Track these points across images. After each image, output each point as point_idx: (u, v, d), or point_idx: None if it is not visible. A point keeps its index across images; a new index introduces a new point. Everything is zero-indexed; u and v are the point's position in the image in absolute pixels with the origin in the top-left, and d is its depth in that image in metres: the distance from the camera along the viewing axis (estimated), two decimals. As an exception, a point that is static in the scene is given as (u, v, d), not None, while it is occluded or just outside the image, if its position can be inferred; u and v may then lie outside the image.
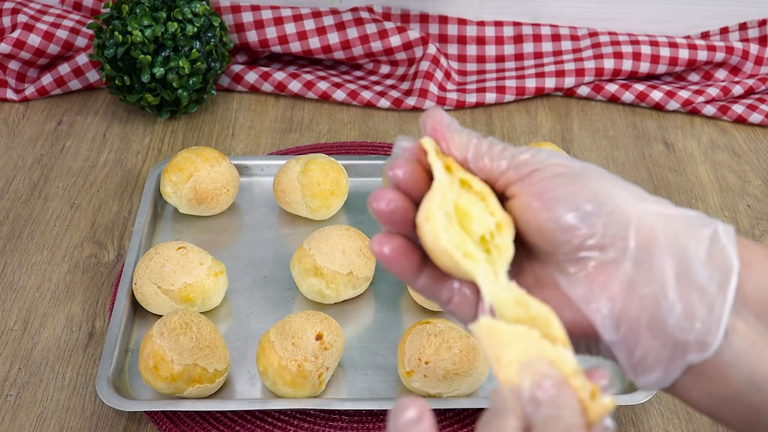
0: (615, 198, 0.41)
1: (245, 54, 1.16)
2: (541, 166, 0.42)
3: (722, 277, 0.40)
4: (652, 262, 0.40)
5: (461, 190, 0.43)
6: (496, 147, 0.43)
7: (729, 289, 0.39)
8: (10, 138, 1.05)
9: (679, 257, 0.40)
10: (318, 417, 0.73)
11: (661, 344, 0.40)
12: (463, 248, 0.41)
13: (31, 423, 0.73)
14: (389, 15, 1.16)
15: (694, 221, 0.41)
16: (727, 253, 0.40)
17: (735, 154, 1.05)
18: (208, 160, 0.89)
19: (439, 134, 0.44)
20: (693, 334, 0.39)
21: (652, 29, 1.16)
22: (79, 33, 1.10)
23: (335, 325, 0.74)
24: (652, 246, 0.40)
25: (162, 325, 0.72)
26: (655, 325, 0.40)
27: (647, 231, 0.40)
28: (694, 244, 0.40)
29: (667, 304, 0.40)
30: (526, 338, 0.38)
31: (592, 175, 0.42)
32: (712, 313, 0.39)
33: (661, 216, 0.41)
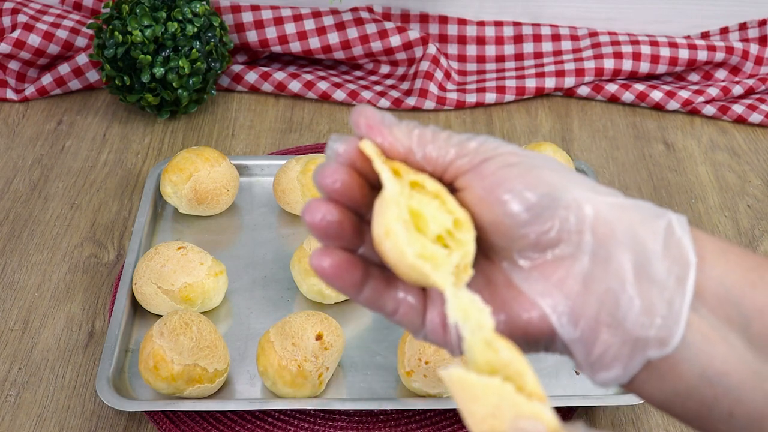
0: (571, 190, 0.39)
1: (245, 54, 1.16)
2: (492, 154, 0.39)
3: (680, 272, 0.39)
4: (610, 257, 0.39)
5: (413, 192, 0.40)
6: (441, 135, 0.40)
7: (688, 283, 0.39)
8: (10, 138, 1.05)
9: (636, 251, 0.39)
10: (318, 417, 0.73)
11: (620, 341, 0.39)
12: (430, 259, 0.39)
13: (31, 423, 0.73)
14: (389, 15, 1.16)
15: (648, 212, 0.40)
16: (684, 246, 0.39)
17: (735, 154, 1.05)
18: (208, 160, 0.89)
19: (375, 131, 0.40)
20: (653, 331, 0.38)
21: (652, 29, 1.16)
22: (79, 33, 1.10)
23: (335, 325, 0.74)
24: (609, 240, 0.39)
25: (162, 325, 0.72)
26: (614, 321, 0.39)
27: (604, 224, 0.39)
28: (650, 237, 0.39)
29: (626, 299, 0.38)
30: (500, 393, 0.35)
31: (545, 166, 0.40)
32: (672, 309, 0.38)
33: (616, 208, 0.39)
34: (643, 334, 0.39)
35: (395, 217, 0.38)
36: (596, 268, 0.39)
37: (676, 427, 0.74)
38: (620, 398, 0.72)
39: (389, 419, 0.73)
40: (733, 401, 0.39)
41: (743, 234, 0.93)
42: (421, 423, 0.73)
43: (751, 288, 0.39)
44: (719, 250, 0.40)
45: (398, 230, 0.38)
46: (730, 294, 0.39)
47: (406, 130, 0.40)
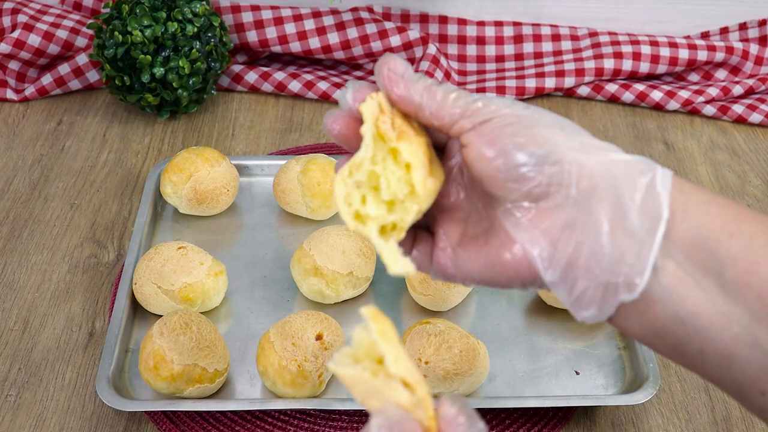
0: (560, 147, 0.43)
1: (245, 54, 1.16)
2: (492, 116, 0.44)
3: (651, 225, 0.42)
4: (591, 209, 0.43)
5: (387, 159, 0.44)
6: (450, 96, 0.45)
7: (656, 235, 0.42)
8: (10, 138, 1.05)
9: (615, 204, 0.43)
10: (318, 417, 0.73)
11: (594, 285, 0.43)
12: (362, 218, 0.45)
13: (31, 423, 0.73)
14: (389, 15, 1.16)
15: (636, 168, 0.43)
16: (660, 200, 0.43)
17: (735, 154, 1.05)
18: (208, 160, 0.89)
19: (393, 83, 0.45)
20: (621, 278, 0.43)
21: (652, 29, 1.16)
22: (79, 33, 1.10)
23: (335, 325, 0.74)
24: (592, 193, 0.43)
25: (162, 325, 0.72)
26: (589, 268, 0.43)
27: (588, 179, 0.43)
28: (630, 192, 0.43)
29: (599, 249, 0.43)
30: (361, 379, 0.41)
31: (540, 124, 0.44)
32: (639, 258, 0.42)
33: (603, 164, 0.43)
34: (613, 280, 0.43)
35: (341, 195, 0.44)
36: (578, 219, 0.43)
37: (675, 427, 0.74)
38: (620, 398, 0.72)
39: (389, 419, 0.73)
40: (703, 340, 0.43)
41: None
42: (421, 423, 0.73)
43: (728, 237, 0.42)
44: (702, 201, 0.43)
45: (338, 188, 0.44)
46: (706, 242, 0.42)
47: (421, 87, 0.45)
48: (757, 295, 0.42)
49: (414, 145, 0.45)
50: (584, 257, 0.43)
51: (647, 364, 0.74)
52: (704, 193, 0.44)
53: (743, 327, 0.42)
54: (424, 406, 0.40)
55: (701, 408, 0.76)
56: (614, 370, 0.76)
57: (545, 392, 0.75)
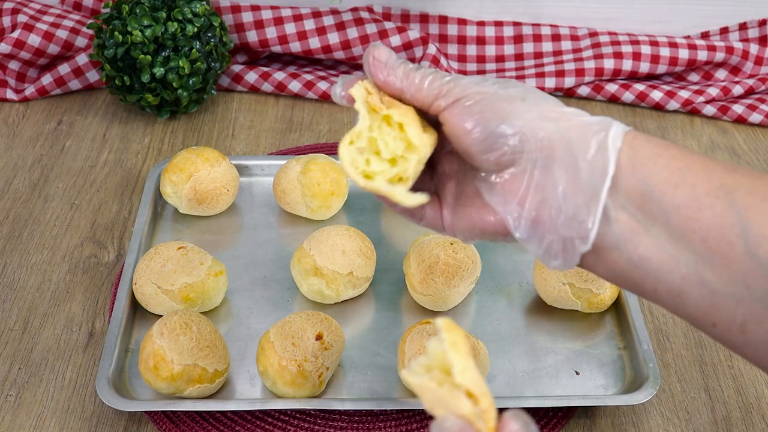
0: (522, 118, 0.49)
1: (245, 54, 1.16)
2: (462, 95, 0.50)
3: (599, 181, 0.47)
4: (550, 171, 0.48)
5: (382, 125, 0.51)
6: (427, 79, 0.51)
7: (602, 192, 0.47)
8: (10, 138, 1.05)
9: (570, 165, 0.48)
10: (318, 417, 0.73)
11: (555, 239, 0.49)
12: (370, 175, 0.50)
13: (31, 423, 0.73)
14: (389, 15, 1.16)
15: (591, 129, 0.48)
16: (608, 159, 0.47)
17: (735, 154, 1.05)
18: (208, 160, 0.89)
19: (377, 69, 0.52)
20: (575, 231, 0.49)
21: (652, 29, 1.16)
22: (79, 33, 1.10)
23: (335, 325, 0.74)
24: (550, 156, 0.48)
25: (162, 325, 0.72)
26: (551, 223, 0.49)
27: (547, 144, 0.48)
28: (583, 152, 0.48)
29: (557, 206, 0.49)
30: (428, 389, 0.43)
31: (503, 99, 0.49)
32: (589, 213, 0.48)
33: (561, 129, 0.48)
34: (569, 235, 0.49)
35: (347, 159, 0.50)
36: (540, 181, 0.49)
37: (675, 427, 0.74)
38: (620, 398, 0.72)
39: (389, 419, 0.73)
40: (656, 281, 0.48)
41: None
42: (421, 423, 0.73)
43: (673, 188, 0.47)
44: (651, 155, 0.47)
45: (344, 154, 0.50)
46: (653, 193, 0.47)
47: (402, 72, 0.51)
48: (700, 239, 0.46)
49: (403, 110, 0.51)
50: (546, 214, 0.49)
51: (647, 364, 0.74)
52: (655, 146, 0.48)
53: (690, 268, 0.47)
54: (485, 418, 0.42)
55: (701, 408, 0.76)
56: (614, 370, 0.76)
57: (545, 392, 0.75)
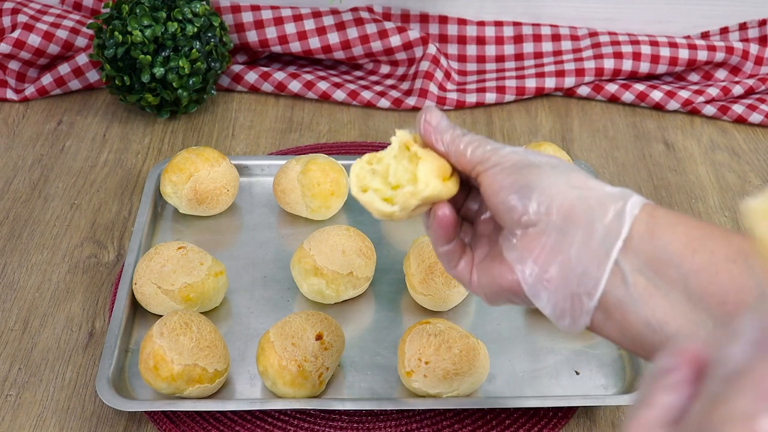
0: (544, 183, 0.51)
1: (245, 54, 1.16)
2: (499, 161, 0.53)
3: (611, 243, 0.49)
4: (567, 233, 0.50)
5: (403, 161, 0.55)
6: (470, 146, 0.54)
7: (613, 250, 0.49)
8: (10, 138, 1.05)
9: (587, 228, 0.50)
10: (318, 417, 0.73)
11: (563, 296, 0.51)
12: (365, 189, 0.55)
13: (31, 423, 0.73)
14: (389, 15, 1.16)
15: (611, 198, 0.50)
16: (623, 222, 0.49)
17: (735, 154, 1.05)
18: (208, 160, 0.89)
19: (427, 132, 0.56)
20: (583, 287, 0.50)
21: (652, 29, 1.16)
22: (79, 33, 1.10)
23: (335, 325, 0.74)
24: (569, 220, 0.50)
25: (162, 325, 0.72)
26: (562, 283, 0.50)
27: (567, 207, 0.50)
28: (601, 217, 0.49)
29: (570, 265, 0.50)
30: None
31: (533, 165, 0.52)
32: (599, 271, 0.49)
33: (583, 196, 0.50)
34: (577, 291, 0.50)
35: (355, 171, 0.56)
36: (557, 241, 0.50)
37: (676, 427, 0.74)
38: (620, 398, 0.72)
39: (389, 419, 0.73)
40: None
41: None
42: (421, 423, 0.73)
43: (691, 253, 0.48)
44: (670, 223, 0.49)
45: (352, 175, 0.56)
46: (672, 258, 0.48)
47: (449, 138, 0.55)
48: (718, 303, 0.46)
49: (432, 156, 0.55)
50: (558, 273, 0.51)
51: (647, 364, 0.74)
52: (674, 216, 0.49)
53: (709, 332, 0.47)
54: None
55: (701, 408, 0.76)
56: (614, 370, 0.76)
57: (545, 392, 0.75)
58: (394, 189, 0.54)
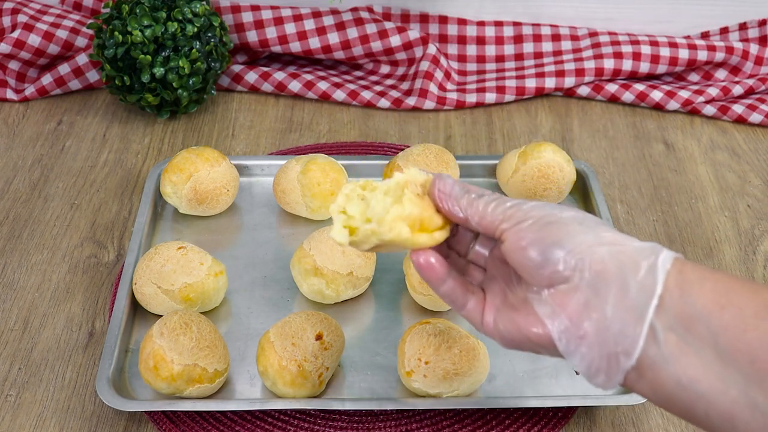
0: (575, 239, 0.51)
1: (245, 54, 1.16)
2: (523, 218, 0.53)
3: (647, 300, 0.49)
4: (599, 290, 0.50)
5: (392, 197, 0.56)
6: (490, 206, 0.55)
7: (649, 308, 0.48)
8: (10, 138, 1.05)
9: (620, 285, 0.49)
10: (318, 417, 0.73)
11: (599, 355, 0.50)
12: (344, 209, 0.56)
13: (31, 423, 0.73)
14: (389, 15, 1.16)
15: (642, 253, 0.50)
16: (656, 280, 0.49)
17: (735, 154, 1.05)
18: (208, 160, 0.89)
19: (444, 201, 0.56)
20: (620, 347, 0.49)
21: (652, 29, 1.16)
22: (79, 33, 1.10)
23: (335, 325, 0.74)
24: (601, 276, 0.50)
25: (162, 325, 0.72)
26: (597, 340, 0.50)
27: (599, 264, 0.50)
28: (633, 273, 0.49)
29: (605, 323, 0.49)
30: None
31: (561, 222, 0.52)
32: (635, 329, 0.49)
33: (613, 251, 0.50)
34: (614, 350, 0.49)
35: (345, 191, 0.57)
36: (590, 298, 0.50)
37: (675, 426, 0.74)
38: (620, 398, 0.72)
39: (389, 419, 0.73)
40: (707, 404, 0.48)
41: (743, 234, 0.93)
42: (421, 423, 0.73)
43: (720, 309, 0.47)
44: (698, 279, 0.49)
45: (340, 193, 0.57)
46: (701, 315, 0.47)
47: (466, 202, 0.56)
48: (748, 361, 0.46)
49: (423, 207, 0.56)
50: (593, 330, 0.50)
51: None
52: (702, 271, 0.49)
53: (740, 390, 0.46)
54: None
55: (701, 408, 0.76)
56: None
57: (545, 392, 0.75)
58: (366, 222, 0.55)
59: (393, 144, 1.03)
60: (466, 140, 1.06)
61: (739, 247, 0.91)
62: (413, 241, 0.55)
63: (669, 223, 0.94)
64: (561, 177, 0.90)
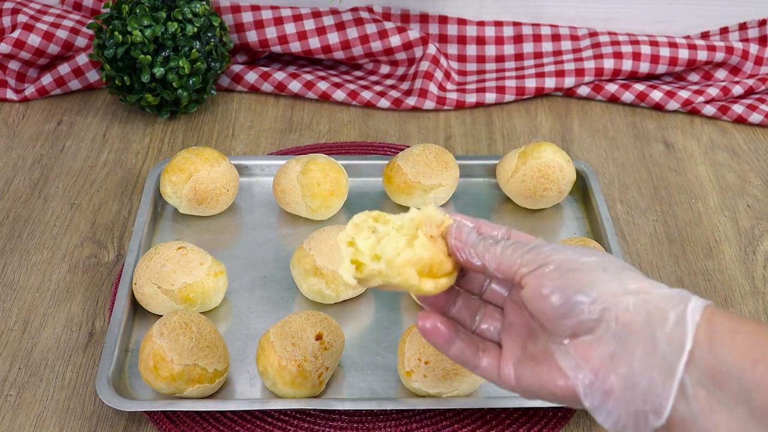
0: (597, 289, 0.49)
1: (245, 54, 1.16)
2: (543, 262, 0.51)
3: (676, 356, 0.47)
4: (626, 343, 0.48)
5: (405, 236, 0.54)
6: (507, 250, 0.53)
7: (679, 366, 0.47)
8: (10, 138, 1.05)
9: (647, 338, 0.47)
10: (318, 417, 0.73)
11: (626, 412, 0.48)
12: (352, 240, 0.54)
13: (31, 423, 0.73)
14: (389, 15, 1.16)
15: (669, 303, 0.48)
16: (686, 333, 0.47)
17: (735, 154, 1.05)
18: (208, 160, 0.89)
19: (460, 250, 0.55)
20: (649, 405, 0.47)
21: (652, 29, 1.16)
22: (79, 33, 1.10)
23: (335, 325, 0.74)
24: (628, 328, 0.48)
25: (162, 325, 0.72)
26: (623, 396, 0.48)
27: (624, 315, 0.48)
28: (661, 326, 0.47)
29: (632, 379, 0.48)
30: None
31: (584, 268, 0.50)
32: (665, 387, 0.47)
33: (639, 301, 0.48)
34: (642, 408, 0.48)
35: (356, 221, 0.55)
36: (616, 352, 0.48)
37: (676, 427, 0.74)
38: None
39: (389, 419, 0.73)
40: None
41: (743, 234, 0.93)
42: (421, 423, 0.73)
43: (752, 365, 0.45)
44: (729, 330, 0.46)
45: (349, 223, 0.55)
46: (732, 371, 0.45)
47: (483, 248, 0.54)
48: None
49: (435, 250, 0.54)
50: (620, 387, 0.48)
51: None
52: (732, 322, 0.47)
53: None
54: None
55: (701, 408, 0.76)
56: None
57: (545, 392, 0.75)
58: (375, 259, 0.53)
59: (393, 144, 1.03)
60: (466, 140, 1.06)
61: (739, 247, 0.91)
62: (419, 287, 0.54)
63: (669, 223, 0.94)
64: (561, 177, 0.90)
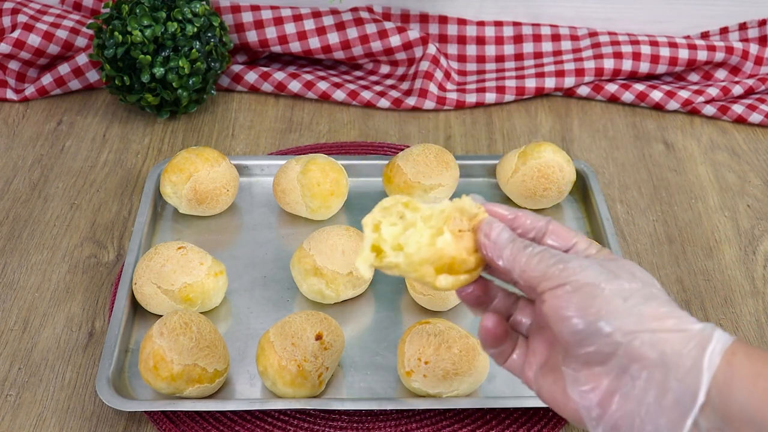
0: (618, 321, 0.47)
1: (245, 54, 1.16)
2: (565, 281, 0.49)
3: (687, 407, 0.45)
4: (638, 383, 0.47)
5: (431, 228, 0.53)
6: (534, 259, 0.51)
7: (688, 418, 0.45)
8: (10, 138, 1.05)
9: (659, 381, 0.46)
10: (318, 417, 0.73)
11: None
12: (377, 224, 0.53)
13: (31, 423, 0.73)
14: (389, 15, 1.16)
15: (688, 343, 0.46)
16: (700, 382, 0.45)
17: (735, 154, 1.05)
18: (208, 160, 0.89)
19: (489, 250, 0.53)
20: None
21: (652, 29, 1.16)
22: (79, 33, 1.10)
23: (335, 325, 0.74)
24: (642, 368, 0.46)
25: (162, 325, 0.72)
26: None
27: (640, 354, 0.46)
28: (675, 370, 0.45)
29: (640, 423, 0.47)
30: None
31: (604, 294, 0.48)
32: None
33: (655, 339, 0.46)
34: None
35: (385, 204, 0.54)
36: (627, 389, 0.47)
37: (676, 427, 0.74)
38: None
39: (389, 419, 0.73)
40: None
41: (743, 234, 0.93)
42: (421, 423, 0.73)
43: None
44: (751, 374, 0.44)
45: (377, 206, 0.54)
46: (753, 419, 0.44)
47: (509, 253, 0.52)
48: None
49: (459, 248, 0.52)
50: (626, 425, 0.47)
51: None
52: (754, 363, 0.45)
53: None
54: None
55: (701, 408, 0.76)
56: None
57: (545, 392, 0.75)
58: (397, 248, 0.52)
59: (393, 144, 1.03)
60: (466, 140, 1.06)
61: (739, 247, 0.91)
62: (434, 284, 0.53)
63: (669, 223, 0.94)
64: (561, 177, 0.90)
